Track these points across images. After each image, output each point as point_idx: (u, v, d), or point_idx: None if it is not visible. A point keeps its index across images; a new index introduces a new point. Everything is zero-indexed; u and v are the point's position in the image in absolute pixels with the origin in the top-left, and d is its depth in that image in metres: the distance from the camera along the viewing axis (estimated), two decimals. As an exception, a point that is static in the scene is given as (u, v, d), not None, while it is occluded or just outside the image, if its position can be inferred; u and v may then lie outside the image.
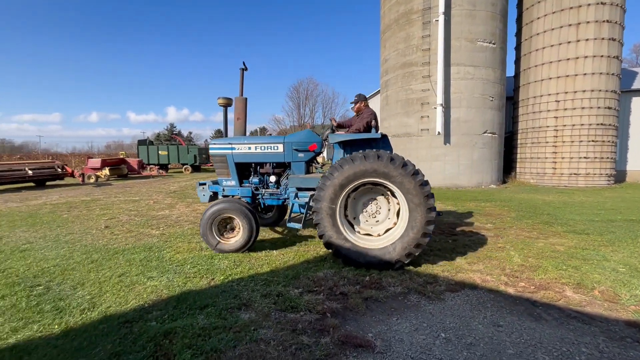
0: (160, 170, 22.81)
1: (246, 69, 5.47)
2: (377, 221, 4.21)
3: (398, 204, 4.02)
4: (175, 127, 60.14)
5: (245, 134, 5.63)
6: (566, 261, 4.23)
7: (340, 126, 5.19)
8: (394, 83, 14.83)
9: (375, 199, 4.20)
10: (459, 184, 13.51)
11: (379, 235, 4.15)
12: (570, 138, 13.80)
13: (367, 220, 4.24)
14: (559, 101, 13.91)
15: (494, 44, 13.51)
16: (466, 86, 13.26)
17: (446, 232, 5.78)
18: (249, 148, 5.09)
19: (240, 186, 5.26)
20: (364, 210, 4.24)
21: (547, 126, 14.27)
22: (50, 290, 3.40)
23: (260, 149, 5.04)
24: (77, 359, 2.28)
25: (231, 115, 5.64)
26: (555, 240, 5.21)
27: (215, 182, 5.46)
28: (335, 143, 4.65)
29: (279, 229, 6.08)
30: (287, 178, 4.96)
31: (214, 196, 5.44)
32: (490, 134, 13.76)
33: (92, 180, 16.55)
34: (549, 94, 14.13)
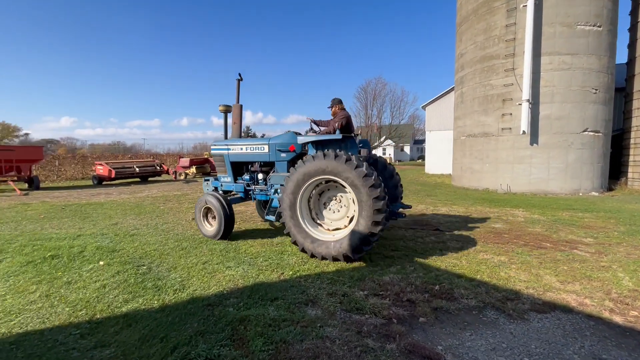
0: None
1: (241, 79, 6.09)
2: (338, 216, 4.48)
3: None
4: (250, 130, 64.92)
5: (240, 137, 6.19)
6: (700, 291, 3.39)
7: (323, 126, 5.47)
8: (471, 79, 13.70)
9: (336, 195, 4.49)
10: (548, 190, 11.84)
11: (337, 229, 4.45)
12: None
13: (329, 216, 4.54)
14: (693, 91, 11.19)
15: (599, 26, 11.50)
16: (561, 78, 11.55)
17: (530, 244, 5.13)
18: (241, 149, 5.63)
19: (235, 182, 5.86)
20: (328, 206, 4.54)
21: (675, 122, 11.60)
22: (151, 270, 4.00)
23: (250, 150, 5.53)
24: (171, 332, 2.64)
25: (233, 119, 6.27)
26: (684, 264, 4.21)
27: (217, 179, 6.17)
28: (309, 143, 4.95)
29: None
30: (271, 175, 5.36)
31: (215, 190, 6.10)
32: (591, 133, 11.75)
33: (182, 177, 18.91)
34: (678, 83, 11.47)
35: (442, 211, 8.10)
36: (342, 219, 4.47)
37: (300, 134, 5.34)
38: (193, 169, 19.42)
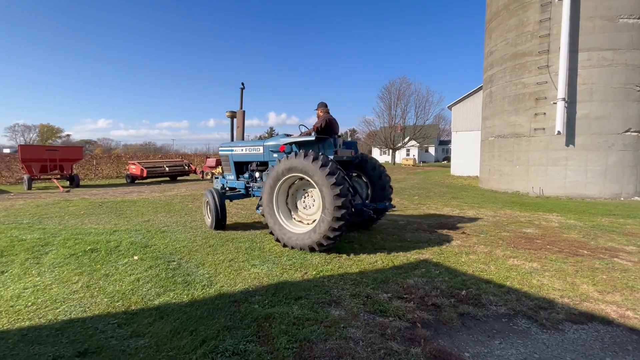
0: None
1: (244, 88, 6.76)
2: (313, 211, 4.93)
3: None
4: (274, 130, 65.92)
5: (243, 139, 6.80)
6: None
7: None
8: (501, 77, 13.19)
9: (308, 191, 4.96)
10: (585, 194, 11.17)
11: (308, 223, 4.91)
12: None
13: (305, 210, 5.02)
14: None
15: (645, 19, 10.71)
16: (600, 75, 10.86)
17: (565, 251, 4.87)
18: (242, 150, 6.31)
19: (237, 180, 6.54)
20: (303, 202, 5.02)
21: None
22: (181, 266, 4.18)
23: (249, 151, 6.18)
24: (200, 326, 2.75)
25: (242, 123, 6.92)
26: None
27: (223, 177, 6.94)
28: (293, 144, 5.38)
29: (366, 231, 6.10)
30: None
31: (222, 187, 6.75)
32: (635, 133, 10.96)
33: (208, 177, 19.53)
34: None
35: (469, 214, 7.86)
36: (315, 213, 4.87)
37: (290, 136, 5.73)
38: (219, 169, 20.00)
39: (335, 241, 4.55)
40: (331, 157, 4.97)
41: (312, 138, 5.13)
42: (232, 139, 6.89)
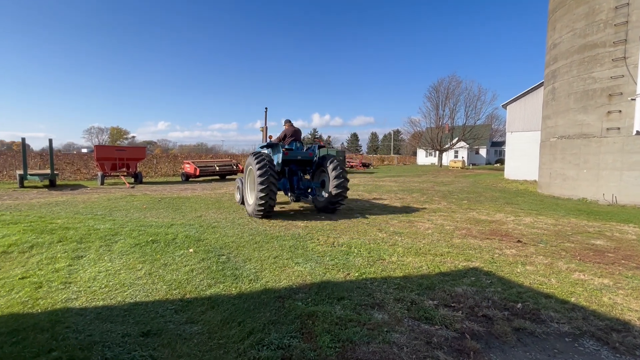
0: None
1: (266, 110, 9.96)
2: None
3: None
4: (317, 132, 66.71)
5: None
6: None
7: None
8: (566, 72, 11.96)
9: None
10: (672, 204, 9.68)
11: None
12: None
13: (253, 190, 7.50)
14: None
15: None
16: (694, 66, 9.34)
17: (646, 268, 4.27)
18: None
19: None
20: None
21: None
22: (230, 260, 4.42)
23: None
24: (247, 318, 2.89)
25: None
26: None
27: None
28: (262, 148, 8.47)
29: (411, 234, 5.92)
30: None
31: None
32: None
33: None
34: None
35: (526, 222, 7.24)
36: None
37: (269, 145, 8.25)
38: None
39: (262, 212, 6.98)
40: (279, 155, 7.72)
41: (265, 144, 8.25)
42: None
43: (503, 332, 2.69)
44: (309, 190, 8.29)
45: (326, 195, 7.80)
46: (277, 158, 7.82)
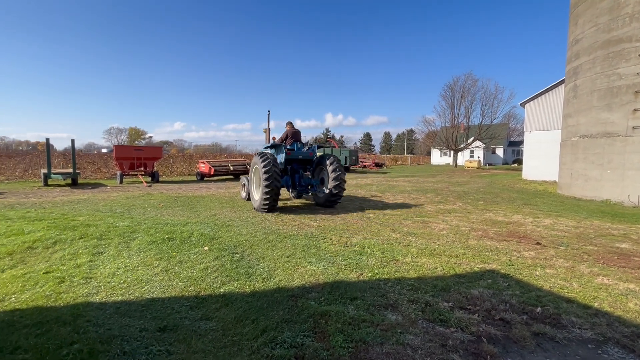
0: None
1: (269, 112, 10.52)
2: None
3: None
4: (329, 132, 66.64)
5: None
6: None
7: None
8: (589, 68, 11.52)
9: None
10: None
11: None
12: None
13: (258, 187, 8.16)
14: None
15: None
16: None
17: (676, 273, 4.06)
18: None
19: None
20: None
21: None
22: (244, 258, 4.47)
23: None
24: (260, 316, 2.91)
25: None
26: None
27: None
28: (266, 149, 9.13)
29: (425, 235, 5.83)
30: None
31: None
32: None
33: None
34: None
35: (545, 223, 7.02)
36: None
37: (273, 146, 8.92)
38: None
39: (268, 207, 7.56)
40: (282, 155, 8.47)
41: (269, 145, 8.96)
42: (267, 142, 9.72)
43: (522, 336, 2.61)
44: (310, 187, 8.82)
45: (327, 191, 8.46)
46: (280, 157, 8.58)
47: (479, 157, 48.93)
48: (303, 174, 9.06)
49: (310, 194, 8.94)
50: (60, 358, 2.27)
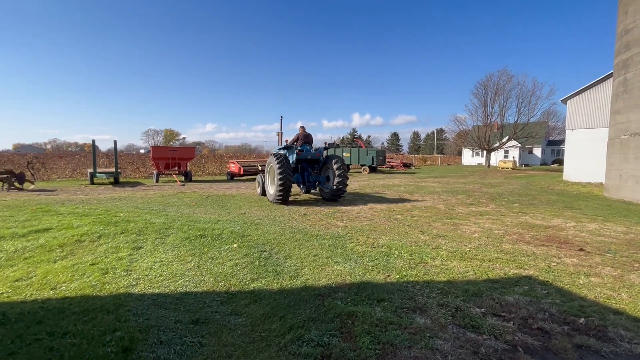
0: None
1: (282, 118, 12.39)
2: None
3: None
4: (356, 132, 66.19)
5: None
6: None
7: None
8: (642, 60, 10.57)
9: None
10: None
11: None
12: None
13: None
14: None
15: None
16: None
17: None
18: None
19: None
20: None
21: None
22: (272, 256, 4.56)
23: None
24: (287, 313, 2.96)
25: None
26: None
27: None
28: (280, 150, 10.25)
29: (456, 238, 5.64)
30: None
31: None
32: None
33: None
34: None
35: (589, 228, 6.53)
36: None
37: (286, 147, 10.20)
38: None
39: (281, 200, 8.81)
40: (293, 155, 9.62)
41: (282, 146, 10.36)
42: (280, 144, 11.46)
43: (562, 348, 2.45)
44: (317, 183, 10.19)
45: (333, 186, 9.56)
46: (292, 157, 9.77)
47: (514, 157, 46.44)
48: (311, 172, 10.28)
49: (317, 189, 10.40)
50: (104, 343, 2.45)
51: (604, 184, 13.35)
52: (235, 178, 19.32)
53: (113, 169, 16.07)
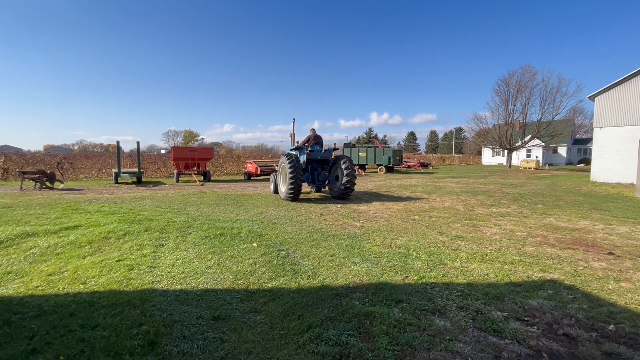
0: (359, 170, 25.67)
1: (294, 120, 12.69)
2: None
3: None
4: (372, 131, 65.72)
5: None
6: None
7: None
8: (678, 54, 9.94)
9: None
10: None
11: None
12: None
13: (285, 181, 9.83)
14: None
15: None
16: None
17: None
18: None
19: None
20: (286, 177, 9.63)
21: None
22: (289, 255, 4.61)
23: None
24: (305, 312, 2.99)
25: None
26: None
27: None
28: (291, 151, 10.92)
29: (476, 240, 5.51)
30: None
31: None
32: None
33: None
34: None
35: (620, 231, 6.23)
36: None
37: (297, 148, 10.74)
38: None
39: (291, 198, 9.42)
40: (304, 156, 10.17)
41: (294, 147, 10.85)
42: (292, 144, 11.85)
43: (590, 355, 2.37)
44: (327, 182, 10.61)
45: (342, 185, 9.97)
46: (303, 158, 10.31)
47: (537, 157, 44.79)
48: (321, 172, 10.74)
49: (326, 188, 10.94)
50: (131, 337, 2.56)
51: (634, 184, 12.68)
52: (252, 178, 19.60)
53: (136, 169, 16.64)
